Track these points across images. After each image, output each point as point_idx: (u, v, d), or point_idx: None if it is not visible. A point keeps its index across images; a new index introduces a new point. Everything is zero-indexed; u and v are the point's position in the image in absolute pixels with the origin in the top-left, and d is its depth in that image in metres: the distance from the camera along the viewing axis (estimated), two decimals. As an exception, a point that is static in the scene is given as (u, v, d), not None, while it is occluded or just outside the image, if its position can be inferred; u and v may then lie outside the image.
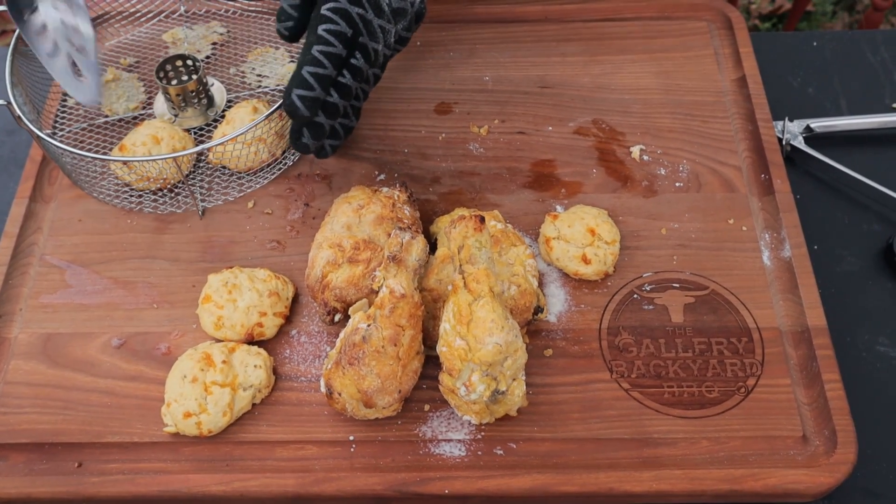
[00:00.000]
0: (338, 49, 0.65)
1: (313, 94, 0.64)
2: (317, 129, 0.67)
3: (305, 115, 0.64)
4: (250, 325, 0.68)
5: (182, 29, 0.89)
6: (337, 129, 0.70)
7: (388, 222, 0.69)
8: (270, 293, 0.69)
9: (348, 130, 0.72)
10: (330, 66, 0.64)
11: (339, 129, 0.70)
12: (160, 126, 0.77)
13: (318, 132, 0.67)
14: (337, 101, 0.67)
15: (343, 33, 0.65)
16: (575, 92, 0.86)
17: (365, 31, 0.66)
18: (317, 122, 0.67)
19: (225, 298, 0.68)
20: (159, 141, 0.76)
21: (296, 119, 0.65)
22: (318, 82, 0.64)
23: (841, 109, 0.88)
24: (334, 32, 0.65)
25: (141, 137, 0.76)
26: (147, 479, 0.63)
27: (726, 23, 0.90)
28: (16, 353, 0.70)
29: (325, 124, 0.67)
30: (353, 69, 0.67)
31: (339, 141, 0.71)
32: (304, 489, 0.62)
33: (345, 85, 0.67)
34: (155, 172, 0.75)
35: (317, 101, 0.64)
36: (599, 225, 0.72)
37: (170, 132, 0.77)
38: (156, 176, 0.75)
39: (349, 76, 0.67)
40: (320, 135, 0.67)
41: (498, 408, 0.63)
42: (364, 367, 0.61)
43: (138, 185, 0.77)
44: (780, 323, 0.70)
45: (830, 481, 0.62)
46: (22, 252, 0.75)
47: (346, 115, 0.70)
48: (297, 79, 0.64)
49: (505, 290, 0.65)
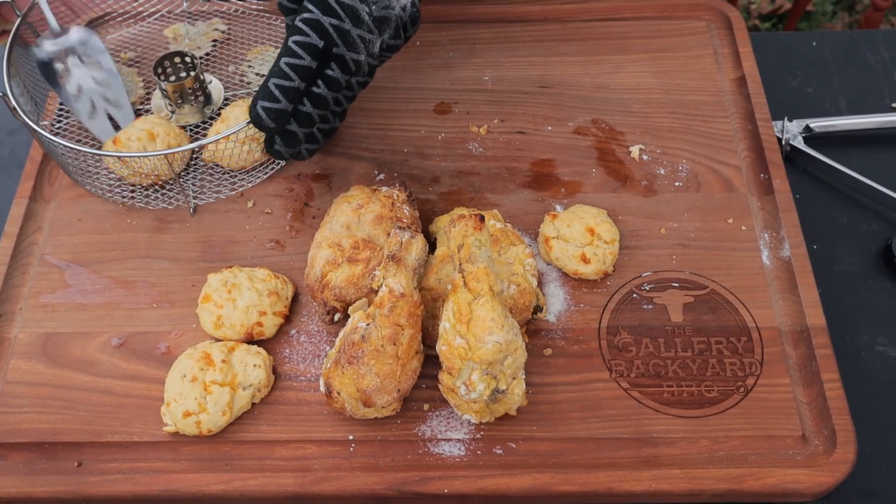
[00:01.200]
0: (306, 62, 0.64)
1: (279, 106, 0.64)
2: (289, 137, 0.67)
3: (271, 126, 0.65)
4: (250, 325, 0.68)
5: (184, 25, 0.90)
6: (314, 135, 0.69)
7: (388, 222, 0.69)
8: (270, 293, 0.69)
9: (329, 133, 0.71)
10: (297, 79, 0.64)
11: (316, 134, 0.69)
12: (156, 122, 0.78)
13: (291, 140, 0.67)
14: (311, 111, 0.66)
15: (313, 45, 0.64)
16: (574, 92, 0.86)
17: (341, 41, 0.65)
18: (289, 131, 0.66)
19: (224, 298, 0.69)
20: (154, 137, 0.76)
21: (262, 130, 0.65)
22: (284, 95, 0.64)
23: (840, 109, 0.88)
24: (303, 45, 0.64)
25: (136, 132, 0.76)
26: (147, 478, 0.63)
27: (726, 22, 0.90)
28: (15, 353, 0.70)
29: (299, 132, 0.67)
30: (328, 80, 0.65)
31: (316, 145, 0.70)
32: (303, 488, 0.62)
33: (319, 95, 0.66)
34: (147, 168, 0.75)
35: (283, 112, 0.64)
36: (599, 224, 0.72)
37: (165, 128, 0.77)
38: (148, 172, 0.76)
39: (324, 87, 0.66)
40: (294, 143, 0.67)
41: (498, 407, 0.63)
42: (363, 366, 0.61)
43: (132, 180, 0.77)
44: (780, 322, 0.70)
45: (830, 481, 0.62)
46: (22, 252, 0.75)
47: (324, 121, 0.69)
48: (262, 90, 0.64)
49: (504, 290, 0.65)
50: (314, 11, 0.64)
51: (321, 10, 0.64)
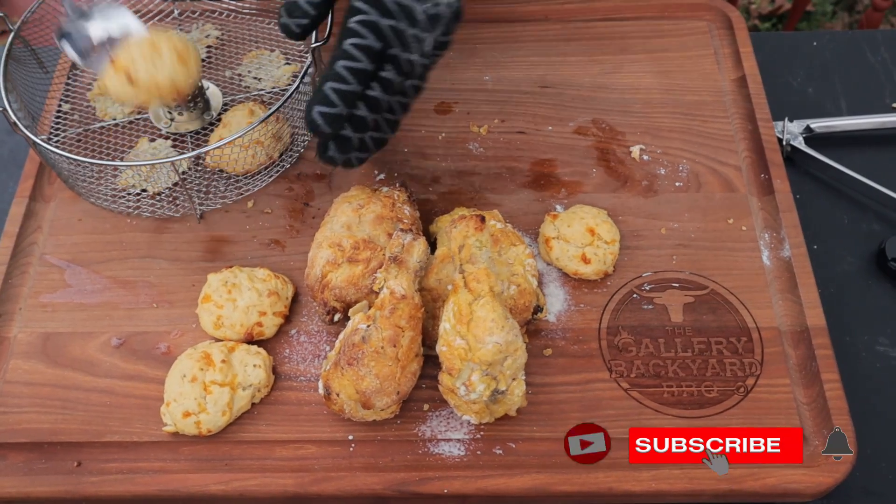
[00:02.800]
0: (363, 64, 0.62)
1: (335, 110, 0.62)
2: (344, 143, 0.65)
3: (327, 131, 0.63)
4: (250, 325, 0.68)
5: (175, 32, 0.89)
6: (366, 142, 0.67)
7: (388, 222, 0.69)
8: (270, 293, 0.69)
9: (380, 143, 0.69)
10: (354, 82, 0.62)
11: (368, 141, 0.67)
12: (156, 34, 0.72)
13: (346, 146, 0.65)
14: (366, 115, 0.64)
15: (371, 47, 0.62)
16: (575, 92, 0.86)
17: (398, 42, 0.63)
18: (343, 136, 0.65)
19: (224, 298, 0.69)
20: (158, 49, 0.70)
21: (317, 135, 0.64)
22: (341, 99, 0.62)
23: (841, 109, 0.88)
24: (361, 47, 0.62)
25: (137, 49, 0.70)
26: (146, 478, 0.63)
27: (726, 22, 0.90)
28: (15, 353, 0.70)
29: (354, 138, 0.65)
30: (384, 82, 0.64)
31: (367, 154, 0.68)
32: (303, 489, 0.62)
33: (375, 98, 0.64)
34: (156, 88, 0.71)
35: (339, 117, 0.63)
36: (599, 224, 0.72)
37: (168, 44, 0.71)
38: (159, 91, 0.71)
39: (379, 89, 0.64)
40: (347, 148, 0.65)
41: (498, 407, 0.63)
42: (363, 368, 0.61)
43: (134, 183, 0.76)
44: (780, 322, 0.70)
45: (829, 481, 0.62)
46: (22, 251, 0.75)
47: (377, 129, 0.67)
48: (318, 95, 0.62)
49: (504, 290, 0.65)
50: (370, 13, 0.62)
51: (379, 12, 0.62)
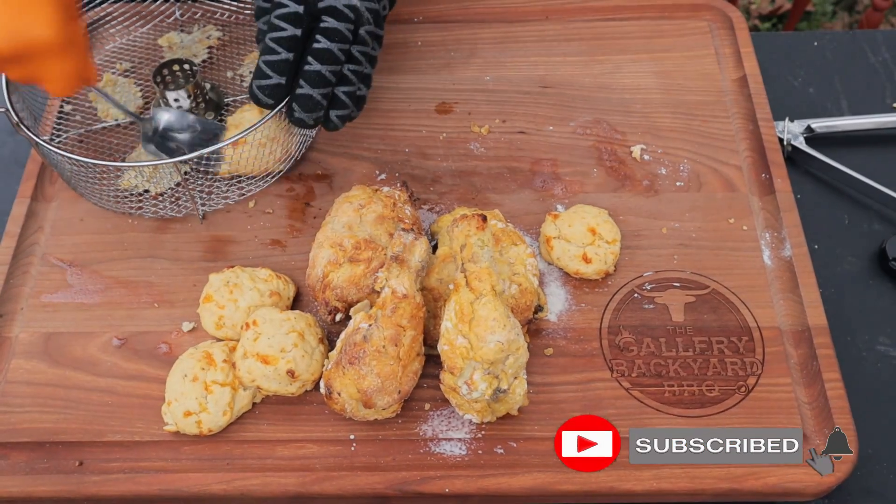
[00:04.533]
0: (289, 32, 0.67)
1: (271, 81, 0.67)
2: (305, 101, 0.68)
3: (270, 102, 0.68)
4: (251, 325, 0.68)
5: (177, 33, 0.89)
6: (339, 98, 0.70)
7: (389, 222, 0.69)
8: (271, 293, 0.69)
9: (358, 100, 0.71)
10: (283, 50, 0.67)
11: (342, 96, 0.70)
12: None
13: (308, 103, 0.68)
14: (319, 68, 0.67)
15: (292, 13, 0.67)
16: (576, 92, 0.86)
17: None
18: (302, 94, 0.68)
19: (226, 298, 0.68)
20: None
21: (262, 107, 0.68)
22: (274, 69, 0.67)
23: (841, 109, 0.88)
24: (283, 16, 0.67)
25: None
26: (148, 477, 0.63)
27: (727, 22, 0.90)
28: (17, 353, 0.70)
29: (314, 94, 0.68)
30: (326, 32, 0.67)
31: (346, 110, 0.71)
32: (304, 488, 0.62)
33: (322, 49, 0.67)
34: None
35: (277, 87, 0.67)
36: (600, 224, 0.72)
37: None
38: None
39: (325, 40, 0.67)
40: (312, 106, 0.69)
41: (499, 406, 0.63)
42: (364, 367, 0.61)
43: (137, 184, 0.76)
44: (781, 322, 0.70)
45: (830, 480, 0.62)
46: (23, 251, 0.75)
47: (345, 82, 0.70)
48: (256, 71, 0.68)
49: (506, 289, 0.65)
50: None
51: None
